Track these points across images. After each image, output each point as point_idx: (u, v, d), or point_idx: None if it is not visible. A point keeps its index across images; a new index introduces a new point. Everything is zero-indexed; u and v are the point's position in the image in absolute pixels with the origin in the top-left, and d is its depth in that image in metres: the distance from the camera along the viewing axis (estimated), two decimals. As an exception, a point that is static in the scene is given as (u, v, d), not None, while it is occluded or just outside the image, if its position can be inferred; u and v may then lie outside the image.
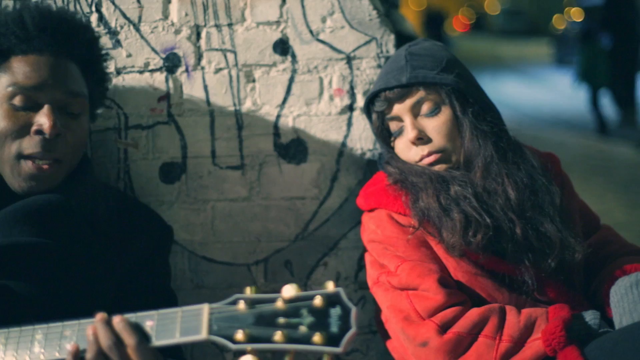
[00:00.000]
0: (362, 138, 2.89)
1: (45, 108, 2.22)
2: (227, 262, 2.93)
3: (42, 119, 2.21)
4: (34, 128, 2.22)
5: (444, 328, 2.31)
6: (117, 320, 1.78)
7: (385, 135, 2.61)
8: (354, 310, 1.60)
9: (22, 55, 2.27)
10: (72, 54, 2.35)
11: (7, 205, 2.23)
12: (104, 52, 2.58)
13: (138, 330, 1.77)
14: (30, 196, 2.26)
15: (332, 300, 1.62)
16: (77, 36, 2.38)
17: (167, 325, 1.75)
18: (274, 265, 2.94)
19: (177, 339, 1.73)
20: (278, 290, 1.66)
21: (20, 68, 2.26)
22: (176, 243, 2.86)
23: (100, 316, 1.80)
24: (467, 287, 2.42)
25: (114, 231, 2.37)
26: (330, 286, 1.64)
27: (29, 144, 2.22)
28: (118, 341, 1.76)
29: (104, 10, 2.85)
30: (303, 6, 2.85)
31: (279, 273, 2.93)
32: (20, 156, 2.22)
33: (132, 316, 1.80)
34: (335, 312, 1.60)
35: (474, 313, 2.32)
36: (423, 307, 2.34)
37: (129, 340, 1.75)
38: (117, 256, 2.35)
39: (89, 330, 1.79)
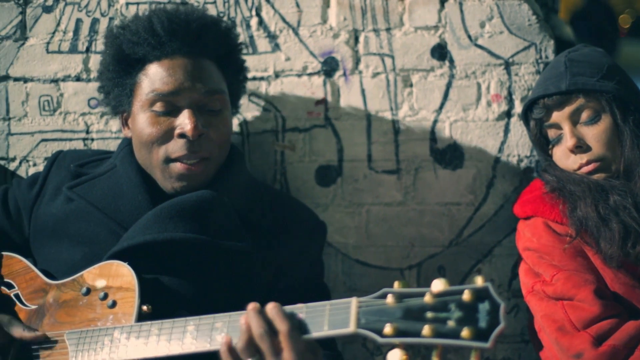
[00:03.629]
0: (519, 145, 2.94)
1: (186, 112, 2.37)
2: (381, 266, 3.02)
3: (184, 122, 2.35)
4: (177, 132, 2.37)
5: (599, 340, 2.33)
6: (270, 306, 1.85)
7: (542, 143, 2.65)
8: (502, 306, 1.61)
9: (157, 61, 2.41)
10: (205, 51, 2.46)
11: (161, 202, 2.39)
12: (238, 42, 2.68)
13: (291, 318, 1.83)
14: (183, 194, 2.41)
15: (480, 295, 1.63)
16: (208, 33, 2.48)
17: (316, 318, 1.81)
18: (427, 271, 3.01)
19: (325, 331, 1.78)
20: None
21: (156, 74, 2.39)
22: (330, 245, 2.98)
23: (252, 305, 1.87)
24: (624, 299, 2.43)
25: (267, 226, 2.49)
26: (479, 281, 1.66)
27: (175, 148, 2.37)
28: (270, 329, 1.82)
29: (263, 14, 3.01)
30: (462, 11, 2.94)
31: (432, 278, 2.79)
32: (168, 160, 2.39)
33: (284, 308, 1.87)
34: (484, 307, 1.61)
35: (630, 326, 2.34)
36: (578, 318, 2.37)
37: (281, 326, 1.81)
38: (270, 251, 2.44)
39: (242, 319, 1.86)
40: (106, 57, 2.51)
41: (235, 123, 2.91)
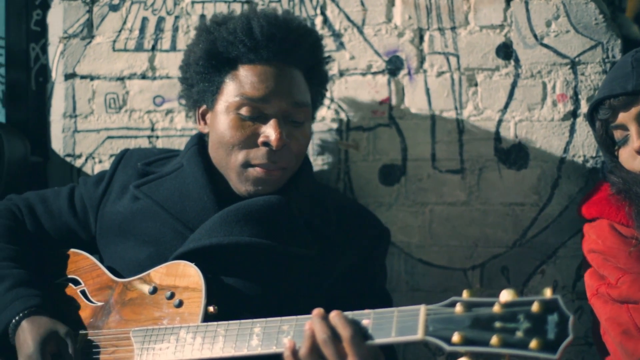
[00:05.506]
0: (585, 145, 2.95)
1: (273, 122, 2.39)
2: (444, 266, 3.04)
3: (269, 131, 2.38)
4: (260, 139, 2.40)
5: (665, 345, 2.34)
6: (333, 314, 1.88)
7: (608, 144, 2.64)
8: (571, 318, 1.61)
9: (250, 64, 2.43)
10: (298, 61, 2.48)
11: (227, 204, 2.43)
12: (326, 54, 2.72)
13: (354, 324, 1.85)
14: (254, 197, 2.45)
15: (549, 306, 1.64)
16: (303, 43, 2.50)
17: (383, 325, 1.84)
18: (490, 271, 3.02)
19: (392, 337, 1.81)
20: (494, 296, 1.72)
21: (247, 78, 2.41)
22: (393, 245, 3.01)
23: (317, 311, 1.90)
24: (691, 304, 2.42)
25: (331, 232, 2.51)
26: (547, 293, 1.66)
27: (256, 155, 2.41)
28: (333, 335, 1.84)
29: (328, 13, 3.08)
30: (527, 10, 2.97)
31: (495, 279, 3.01)
32: (247, 165, 2.43)
33: (348, 314, 1.89)
34: (553, 318, 1.62)
35: (697, 331, 2.34)
36: (643, 322, 2.38)
37: (344, 332, 1.83)
38: (334, 257, 2.47)
39: (307, 325, 1.88)
40: (197, 50, 2.51)
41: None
